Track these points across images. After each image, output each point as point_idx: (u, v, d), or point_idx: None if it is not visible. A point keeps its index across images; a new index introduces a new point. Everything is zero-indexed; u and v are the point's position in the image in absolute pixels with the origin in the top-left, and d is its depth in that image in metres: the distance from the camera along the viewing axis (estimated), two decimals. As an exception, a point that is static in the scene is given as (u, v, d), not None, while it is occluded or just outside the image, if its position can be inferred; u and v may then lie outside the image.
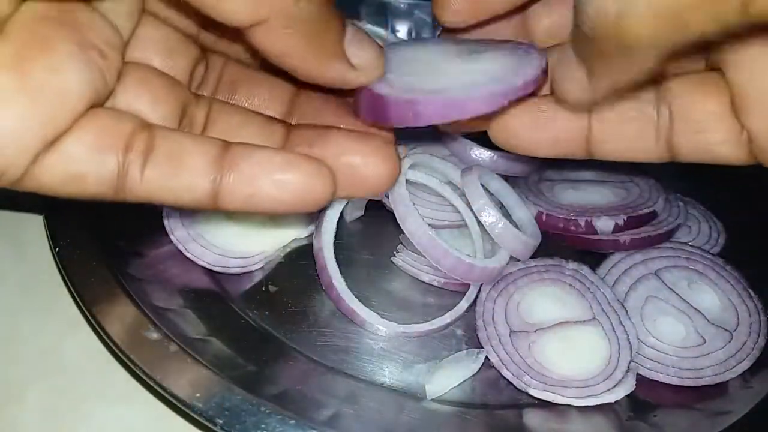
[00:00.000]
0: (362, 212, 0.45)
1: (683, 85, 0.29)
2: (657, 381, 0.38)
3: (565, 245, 0.45)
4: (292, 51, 0.28)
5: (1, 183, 0.26)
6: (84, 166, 0.26)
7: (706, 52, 0.29)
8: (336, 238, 0.41)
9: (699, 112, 0.29)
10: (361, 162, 0.31)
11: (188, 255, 0.40)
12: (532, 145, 0.32)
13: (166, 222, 0.41)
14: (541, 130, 0.31)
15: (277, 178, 0.29)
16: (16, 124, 0.24)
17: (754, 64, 0.27)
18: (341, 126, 0.32)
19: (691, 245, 0.45)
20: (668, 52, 0.24)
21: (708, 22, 0.22)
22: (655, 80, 0.30)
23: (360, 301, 0.39)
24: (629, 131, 0.30)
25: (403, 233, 0.41)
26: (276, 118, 0.33)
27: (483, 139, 0.48)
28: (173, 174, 0.28)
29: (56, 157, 0.26)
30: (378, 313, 0.39)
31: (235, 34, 0.28)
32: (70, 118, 0.25)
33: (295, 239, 0.42)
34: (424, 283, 0.41)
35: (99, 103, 0.27)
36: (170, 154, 0.28)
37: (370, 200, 0.44)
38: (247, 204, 0.29)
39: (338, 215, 0.41)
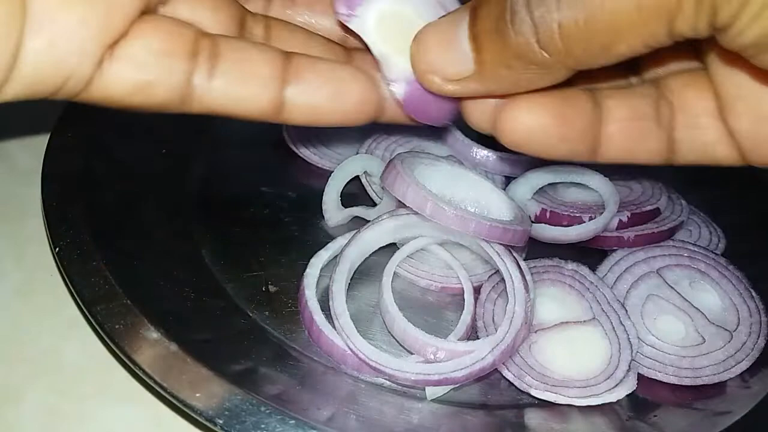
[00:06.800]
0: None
1: (680, 81, 0.29)
2: (657, 380, 0.38)
3: (566, 244, 0.45)
4: None
5: (68, 92, 0.26)
6: (151, 72, 0.26)
7: (692, 51, 0.29)
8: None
9: (695, 108, 0.28)
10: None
11: None
12: (552, 140, 0.28)
13: None
14: (567, 123, 0.28)
15: (339, 88, 0.29)
16: (76, 28, 0.25)
17: (732, 66, 0.27)
18: None
19: (694, 244, 0.45)
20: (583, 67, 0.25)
21: (638, 42, 0.24)
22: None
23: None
24: (637, 128, 0.28)
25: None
26: (335, 42, 0.33)
27: (484, 140, 0.49)
28: (240, 82, 0.28)
29: (123, 63, 0.26)
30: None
31: None
32: (124, 19, 0.26)
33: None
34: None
35: (152, 6, 0.27)
36: (237, 61, 0.28)
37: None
38: (311, 116, 0.30)
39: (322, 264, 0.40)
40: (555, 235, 0.44)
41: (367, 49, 0.32)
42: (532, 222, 0.45)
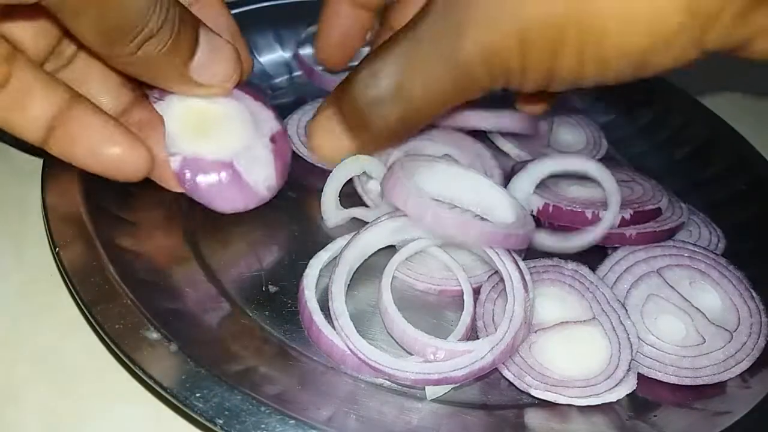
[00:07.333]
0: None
1: None
2: (657, 380, 0.38)
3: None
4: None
5: None
6: None
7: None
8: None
9: None
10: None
11: None
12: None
13: None
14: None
15: (95, 151, 0.35)
16: None
17: None
18: None
19: (694, 244, 0.45)
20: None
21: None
22: None
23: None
24: None
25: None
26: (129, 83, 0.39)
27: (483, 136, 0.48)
28: (15, 111, 0.33)
29: None
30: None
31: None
32: None
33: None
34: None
35: None
36: (19, 92, 0.32)
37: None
38: (68, 160, 0.35)
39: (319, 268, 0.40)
40: (555, 247, 0.44)
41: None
42: (534, 218, 0.45)
